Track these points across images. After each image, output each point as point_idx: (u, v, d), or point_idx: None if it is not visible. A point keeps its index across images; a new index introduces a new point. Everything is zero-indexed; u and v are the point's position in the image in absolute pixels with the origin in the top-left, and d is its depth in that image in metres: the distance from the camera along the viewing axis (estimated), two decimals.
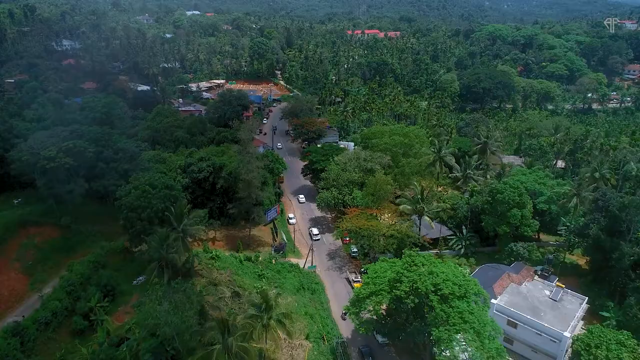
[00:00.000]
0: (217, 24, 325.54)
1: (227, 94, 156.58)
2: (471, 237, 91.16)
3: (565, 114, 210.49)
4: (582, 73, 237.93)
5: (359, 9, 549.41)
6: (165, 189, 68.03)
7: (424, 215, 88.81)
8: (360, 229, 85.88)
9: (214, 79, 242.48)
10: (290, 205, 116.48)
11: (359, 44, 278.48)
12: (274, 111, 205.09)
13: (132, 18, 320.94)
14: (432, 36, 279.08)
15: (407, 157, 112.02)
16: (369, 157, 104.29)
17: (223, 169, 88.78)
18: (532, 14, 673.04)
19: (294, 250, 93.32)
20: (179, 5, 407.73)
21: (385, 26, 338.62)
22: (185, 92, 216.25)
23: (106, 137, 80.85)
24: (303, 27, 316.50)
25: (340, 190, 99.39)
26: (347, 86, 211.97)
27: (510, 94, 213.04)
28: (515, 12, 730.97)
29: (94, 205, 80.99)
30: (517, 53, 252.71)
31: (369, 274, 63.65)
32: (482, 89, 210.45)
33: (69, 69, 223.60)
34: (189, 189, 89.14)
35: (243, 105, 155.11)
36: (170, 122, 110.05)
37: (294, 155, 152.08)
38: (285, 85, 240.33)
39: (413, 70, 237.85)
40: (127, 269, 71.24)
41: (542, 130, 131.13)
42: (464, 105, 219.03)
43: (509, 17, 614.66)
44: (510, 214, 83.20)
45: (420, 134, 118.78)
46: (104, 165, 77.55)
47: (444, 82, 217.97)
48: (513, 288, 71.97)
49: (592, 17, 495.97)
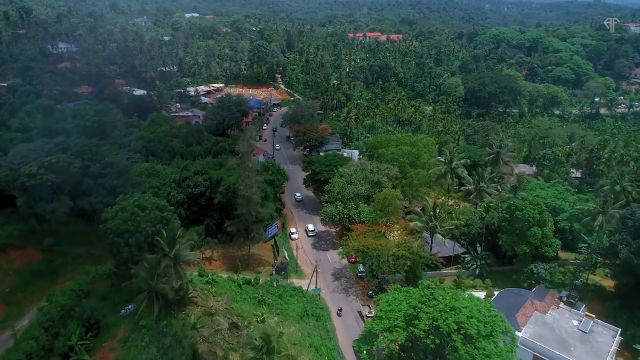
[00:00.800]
0: (217, 26, 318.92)
1: (225, 99, 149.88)
2: (486, 256, 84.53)
3: (572, 119, 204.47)
4: (589, 77, 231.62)
5: (359, 11, 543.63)
6: (155, 211, 61.32)
7: (436, 233, 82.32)
8: (367, 248, 79.32)
9: (212, 82, 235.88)
10: (292, 218, 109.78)
11: (360, 47, 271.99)
12: (274, 115, 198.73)
13: (130, 20, 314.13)
14: (435, 39, 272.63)
15: (415, 167, 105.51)
16: (376, 169, 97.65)
17: (221, 183, 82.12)
18: (532, 17, 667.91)
19: (296, 269, 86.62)
20: (178, 7, 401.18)
21: (387, 29, 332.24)
22: (183, 97, 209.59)
23: (93, 150, 74.09)
24: (304, 29, 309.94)
25: (346, 205, 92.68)
26: (350, 90, 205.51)
27: (516, 98, 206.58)
28: (515, 14, 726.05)
29: (81, 224, 74.27)
30: (522, 56, 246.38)
31: (381, 306, 56.92)
32: (488, 93, 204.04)
33: (64, 72, 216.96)
34: (183, 204, 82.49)
35: (242, 111, 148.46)
36: (165, 131, 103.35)
37: (295, 163, 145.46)
38: (285, 89, 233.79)
39: (416, 73, 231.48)
40: (115, 297, 64.45)
41: (556, 138, 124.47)
42: (469, 110, 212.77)
43: (509, 19, 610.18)
44: (530, 232, 76.57)
45: (428, 143, 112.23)
46: (90, 181, 70.83)
47: (448, 86, 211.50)
48: (537, 317, 65.33)
49: (593, 19, 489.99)
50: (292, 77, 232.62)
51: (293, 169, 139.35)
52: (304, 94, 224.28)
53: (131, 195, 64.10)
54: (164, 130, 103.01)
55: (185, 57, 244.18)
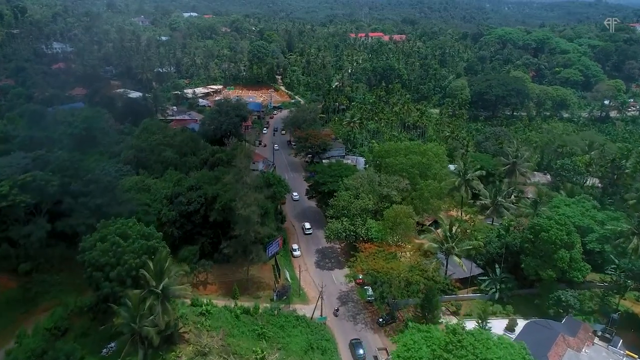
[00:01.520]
0: (215, 26, 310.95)
1: (224, 103, 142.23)
2: (507, 279, 76.99)
3: (582, 123, 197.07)
4: (598, 79, 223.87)
5: (360, 11, 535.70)
6: (140, 239, 53.75)
7: (452, 254, 74.84)
8: (377, 272, 71.89)
9: (211, 84, 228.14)
10: (294, 232, 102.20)
11: (362, 48, 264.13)
12: (274, 118, 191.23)
13: (127, 20, 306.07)
14: (440, 40, 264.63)
15: (425, 178, 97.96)
16: (384, 182, 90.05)
17: (217, 200, 74.53)
18: (534, 17, 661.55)
19: (299, 292, 79.05)
20: (177, 7, 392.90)
21: (389, 29, 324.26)
22: (180, 99, 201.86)
23: (76, 165, 66.46)
24: (304, 29, 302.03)
25: (352, 221, 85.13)
26: (352, 93, 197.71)
27: (524, 101, 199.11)
28: (516, 14, 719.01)
29: (61, 247, 66.65)
30: (528, 58, 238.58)
31: (398, 351, 49.51)
32: (495, 96, 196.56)
33: (58, 73, 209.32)
34: (176, 223, 74.92)
35: (241, 116, 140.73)
36: (158, 139, 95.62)
37: (296, 170, 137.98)
38: (286, 91, 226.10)
39: (420, 75, 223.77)
40: (96, 333, 56.78)
41: (574, 146, 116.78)
42: (476, 113, 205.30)
43: (511, 19, 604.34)
44: (557, 256, 69.10)
45: (439, 152, 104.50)
46: (71, 200, 63.26)
47: (453, 88, 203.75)
48: (571, 356, 57.88)
49: (596, 19, 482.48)
50: (292, 79, 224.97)
51: (294, 177, 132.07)
52: (305, 96, 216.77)
53: (113, 221, 56.39)
54: (156, 139, 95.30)
55: (183, 57, 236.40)
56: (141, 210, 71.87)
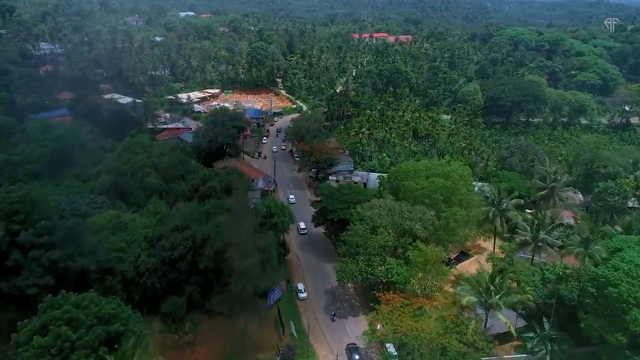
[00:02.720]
0: (213, 26, 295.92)
1: (220, 112, 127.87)
2: (559, 337, 62.93)
3: (602, 130, 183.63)
4: (617, 83, 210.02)
5: (363, 10, 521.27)
6: (99, 324, 39.58)
7: (494, 309, 60.80)
8: (405, 334, 57.88)
9: (207, 88, 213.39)
10: (299, 265, 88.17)
11: (367, 49, 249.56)
12: (275, 125, 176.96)
13: (120, 19, 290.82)
14: (448, 41, 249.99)
15: (449, 204, 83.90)
16: (407, 213, 75.84)
17: (207, 244, 60.34)
18: (536, 16, 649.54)
19: (307, 352, 64.94)
20: (173, 5, 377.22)
21: (394, 29, 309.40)
22: (175, 104, 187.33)
23: (27, 209, 52.24)
24: (305, 29, 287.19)
25: (370, 261, 71.01)
26: (357, 98, 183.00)
27: (541, 107, 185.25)
28: (518, 13, 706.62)
29: (10, 312, 52.56)
30: (542, 60, 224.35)
31: None
32: (510, 102, 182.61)
33: (45, 76, 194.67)
34: (157, 271, 60.70)
35: (239, 127, 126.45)
36: (141, 161, 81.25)
37: (300, 187, 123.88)
38: (287, 95, 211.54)
39: (429, 79, 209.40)
40: None
41: (614, 164, 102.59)
42: (489, 119, 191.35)
43: (513, 18, 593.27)
44: (630, 317, 55.13)
45: (465, 173, 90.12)
46: (19, 255, 49.20)
47: (465, 93, 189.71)
48: None
49: (599, 18, 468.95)
50: (294, 82, 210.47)
51: (297, 195, 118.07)
52: (307, 100, 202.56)
53: (62, 297, 41.99)
54: (139, 161, 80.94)
55: (178, 59, 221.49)
56: (114, 257, 57.68)
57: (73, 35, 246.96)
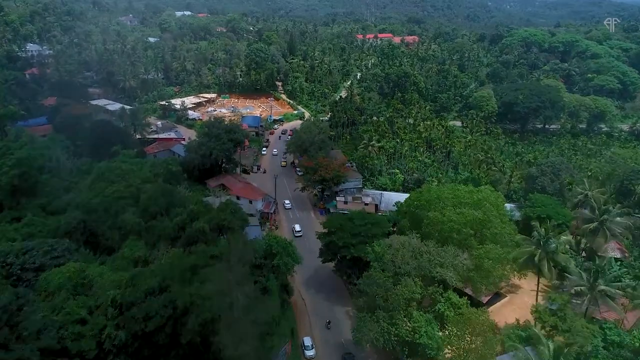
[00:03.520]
0: (210, 26, 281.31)
1: (214, 124, 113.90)
2: None
3: (624, 137, 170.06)
4: (637, 87, 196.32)
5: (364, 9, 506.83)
6: None
7: None
8: None
9: (203, 92, 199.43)
10: (305, 313, 74.54)
11: (372, 51, 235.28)
12: (275, 134, 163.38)
13: (114, 19, 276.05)
14: (457, 42, 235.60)
15: (481, 239, 70.38)
16: (436, 258, 62.00)
17: (191, 312, 46.56)
18: (538, 15, 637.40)
19: None
20: (170, 5, 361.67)
21: (398, 29, 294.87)
22: (168, 110, 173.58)
23: None
24: (306, 30, 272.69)
25: (392, 318, 57.36)
26: (364, 103, 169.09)
27: (559, 113, 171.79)
28: (519, 12, 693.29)
29: None
30: (557, 62, 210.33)
31: None
32: (527, 108, 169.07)
33: (29, 81, 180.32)
34: (128, 348, 46.97)
35: (235, 141, 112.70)
36: (117, 192, 67.40)
37: (303, 207, 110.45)
38: (287, 100, 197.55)
39: (438, 82, 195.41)
40: None
41: None
42: (502, 126, 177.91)
43: (515, 17, 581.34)
44: None
45: (498, 201, 76.34)
46: None
47: (478, 99, 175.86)
48: None
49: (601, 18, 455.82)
50: (295, 86, 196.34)
51: (301, 217, 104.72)
52: (309, 106, 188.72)
53: None
54: (115, 192, 67.04)
55: (172, 62, 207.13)
56: (70, 333, 44.02)
57: (63, 36, 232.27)
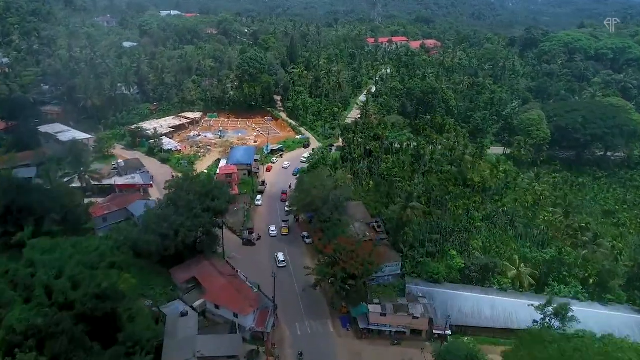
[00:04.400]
0: (198, 27, 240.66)
1: (184, 186, 74.78)
2: None
3: None
4: None
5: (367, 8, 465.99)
6: None
7: None
8: None
9: (186, 110, 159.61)
10: None
11: (386, 58, 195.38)
12: (273, 169, 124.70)
13: (88, 21, 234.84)
14: (487, 49, 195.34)
15: None
16: None
17: None
18: (542, 13, 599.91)
19: None
20: (156, 3, 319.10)
21: (412, 31, 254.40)
22: (138, 138, 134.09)
23: None
24: (308, 32, 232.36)
25: None
26: (384, 129, 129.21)
27: (629, 141, 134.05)
28: (523, 10, 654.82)
29: None
30: (610, 73, 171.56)
31: None
32: (590, 135, 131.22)
33: None
34: None
35: (216, 210, 73.72)
36: None
37: (318, 316, 71.81)
38: (288, 120, 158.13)
39: (470, 98, 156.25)
40: None
41: None
42: (552, 153, 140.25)
43: (520, 16, 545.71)
44: None
45: None
46: None
47: (525, 122, 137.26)
48: None
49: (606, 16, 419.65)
50: (297, 104, 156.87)
51: (314, 333, 66.76)
52: (315, 129, 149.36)
53: None
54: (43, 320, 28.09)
55: (149, 73, 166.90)
56: None
57: (21, 41, 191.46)
